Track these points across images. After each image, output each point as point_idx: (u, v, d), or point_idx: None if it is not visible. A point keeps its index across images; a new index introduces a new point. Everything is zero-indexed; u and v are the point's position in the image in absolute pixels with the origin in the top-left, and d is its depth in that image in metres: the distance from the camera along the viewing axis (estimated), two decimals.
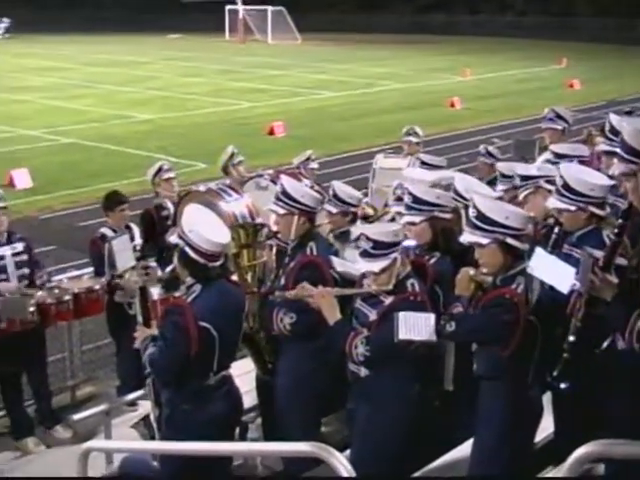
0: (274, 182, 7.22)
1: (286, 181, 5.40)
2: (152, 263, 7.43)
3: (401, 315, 4.23)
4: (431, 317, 4.27)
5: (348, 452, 4.55)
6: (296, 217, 5.25)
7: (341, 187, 6.20)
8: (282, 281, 5.25)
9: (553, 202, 4.67)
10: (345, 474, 3.35)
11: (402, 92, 30.87)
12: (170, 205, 8.00)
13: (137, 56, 42.26)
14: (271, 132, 22.63)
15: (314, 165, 9.55)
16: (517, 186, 5.52)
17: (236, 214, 5.70)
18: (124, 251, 6.48)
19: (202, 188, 7.14)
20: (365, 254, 4.56)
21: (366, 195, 8.76)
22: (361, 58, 41.86)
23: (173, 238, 4.62)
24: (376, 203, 8.29)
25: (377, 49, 46.72)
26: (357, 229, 4.70)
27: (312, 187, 6.54)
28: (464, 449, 4.66)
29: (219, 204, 5.79)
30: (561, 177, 4.60)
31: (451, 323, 4.23)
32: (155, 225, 8.02)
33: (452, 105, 27.05)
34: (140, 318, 5.45)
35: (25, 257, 7.14)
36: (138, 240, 7.70)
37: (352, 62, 39.89)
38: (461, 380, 4.65)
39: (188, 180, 13.42)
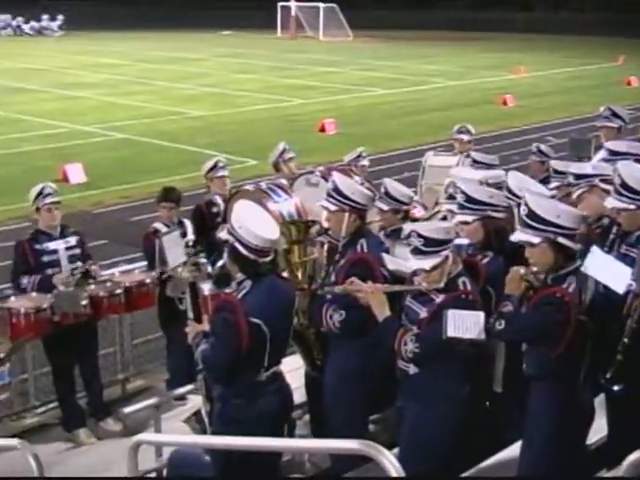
0: (325, 179, 7.23)
1: (338, 178, 5.40)
2: (202, 259, 7.52)
3: (450, 313, 4.20)
4: (480, 315, 4.23)
5: (396, 451, 4.54)
6: (347, 214, 5.25)
7: (393, 184, 6.18)
8: (332, 278, 5.25)
9: (612, 202, 4.59)
10: (394, 472, 3.34)
11: (453, 89, 30.66)
12: (220, 202, 8.06)
13: (190, 53, 42.61)
14: (322, 129, 22.64)
15: (365, 162, 9.53)
16: (571, 184, 5.45)
17: (283, 213, 5.73)
18: (175, 247, 6.53)
19: (251, 188, 7.19)
20: (416, 251, 4.54)
21: (416, 193, 8.72)
22: (413, 55, 41.68)
23: (223, 234, 4.65)
24: (426, 201, 8.26)
25: (429, 46, 46.47)
26: (408, 226, 4.68)
27: (363, 184, 6.52)
28: (514, 449, 4.62)
29: (267, 204, 5.83)
30: (619, 176, 4.53)
31: (501, 322, 4.19)
32: (206, 221, 8.08)
33: (504, 103, 26.79)
34: (191, 314, 5.50)
35: (78, 251, 7.26)
36: (191, 236, 7.77)
37: (404, 59, 39.72)
38: (511, 380, 4.61)
39: (238, 176, 13.50)
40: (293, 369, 5.30)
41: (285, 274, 5.12)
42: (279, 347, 4.64)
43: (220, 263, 5.32)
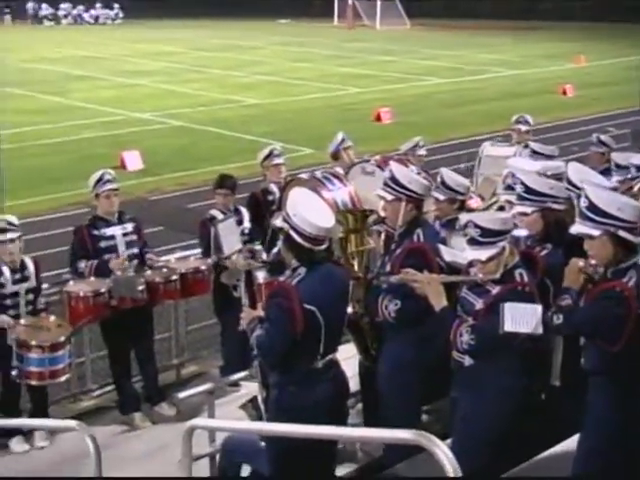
0: (380, 168, 7.21)
1: (395, 167, 5.39)
2: (257, 247, 7.57)
3: (507, 306, 4.16)
4: (538, 309, 4.18)
5: (449, 441, 4.52)
6: (404, 203, 5.23)
7: (449, 174, 6.14)
8: (387, 267, 5.24)
9: None
10: (447, 463, 3.33)
11: (512, 79, 30.31)
12: (276, 190, 8.09)
13: (246, 41, 42.80)
14: (378, 118, 22.57)
15: (422, 152, 9.48)
16: (633, 177, 5.36)
17: (337, 201, 5.72)
18: (230, 235, 6.57)
19: (306, 176, 7.21)
20: (473, 242, 4.51)
21: (472, 183, 8.65)
22: (471, 44, 41.27)
23: (278, 222, 4.67)
24: (482, 191, 8.18)
25: (488, 35, 45.97)
26: (465, 216, 4.64)
27: (419, 173, 6.49)
28: (570, 443, 4.57)
29: (321, 191, 5.82)
30: None
31: (559, 315, 4.14)
32: (261, 209, 8.12)
33: (564, 93, 26.39)
34: (246, 300, 5.54)
35: (135, 237, 7.36)
36: (247, 224, 7.82)
37: (462, 48, 39.37)
38: (569, 374, 4.55)
39: (293, 165, 13.51)
40: (347, 358, 5.30)
41: (342, 263, 5.11)
42: (334, 335, 4.64)
43: (275, 251, 5.33)
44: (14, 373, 6.49)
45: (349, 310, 5.02)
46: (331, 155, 9.19)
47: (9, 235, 6.80)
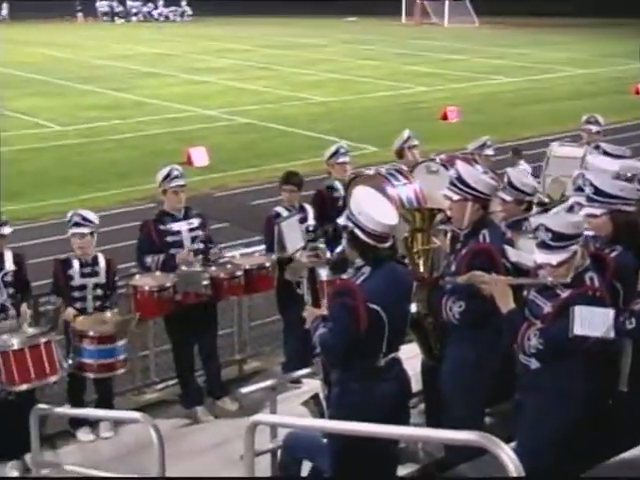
0: (445, 167, 7.16)
1: (461, 166, 5.34)
2: (321, 245, 7.57)
3: (577, 310, 4.09)
4: (609, 313, 4.10)
5: (513, 444, 4.47)
6: (470, 203, 5.19)
7: (516, 175, 6.07)
8: (453, 268, 5.21)
9: None
10: (511, 466, 3.30)
11: (583, 78, 29.80)
12: (341, 187, 8.09)
13: (314, 39, 42.92)
14: (444, 117, 22.44)
15: (490, 151, 9.40)
16: None
17: (402, 198, 5.70)
18: (293, 232, 6.61)
19: (371, 172, 7.19)
20: (543, 245, 4.43)
21: (539, 184, 8.53)
22: (540, 42, 40.69)
23: (342, 220, 4.67)
24: (551, 192, 8.06)
25: (557, 33, 45.27)
26: (536, 219, 4.57)
27: (485, 173, 6.43)
28: (636, 452, 4.48)
29: (386, 187, 5.81)
30: None
31: (631, 320, 4.06)
32: (327, 206, 8.13)
33: (637, 92, 25.84)
34: (308, 298, 5.56)
35: (200, 233, 7.44)
36: (311, 221, 7.84)
37: (530, 47, 38.86)
38: (637, 380, 4.46)
39: (358, 163, 13.50)
40: (410, 357, 5.28)
41: (406, 262, 5.09)
42: (397, 333, 4.63)
43: (339, 249, 5.34)
44: (68, 364, 6.62)
45: (412, 309, 4.99)
46: (396, 152, 9.16)
47: (80, 230, 6.94)
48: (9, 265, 6.76)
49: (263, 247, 7.94)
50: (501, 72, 31.19)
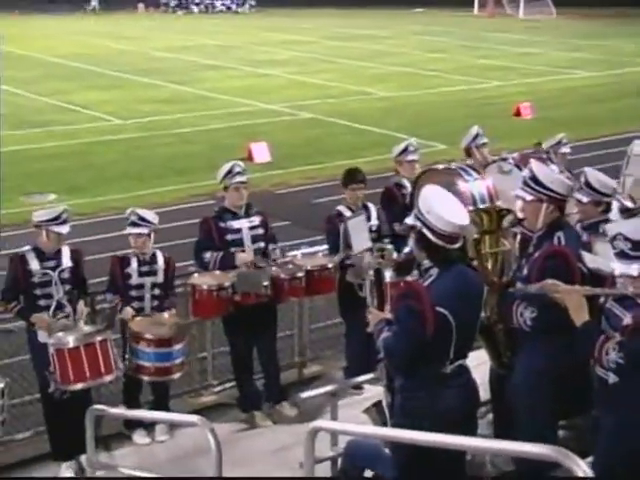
0: (518, 167, 7.09)
1: (536, 166, 5.28)
2: (388, 245, 7.55)
3: None
4: None
5: (589, 460, 4.40)
6: (544, 204, 5.12)
7: (594, 175, 5.98)
8: (524, 271, 5.15)
9: None
10: None
11: None
12: (409, 185, 8.07)
13: (380, 30, 42.86)
14: (517, 113, 22.21)
15: (566, 150, 9.28)
16: None
17: (474, 194, 5.64)
18: (360, 232, 6.60)
19: (440, 166, 7.15)
20: (622, 255, 4.32)
21: (619, 184, 8.40)
22: (622, 34, 39.99)
23: (410, 220, 4.66)
24: (632, 193, 7.92)
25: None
26: (614, 227, 4.47)
27: (561, 172, 6.35)
28: None
29: (457, 183, 5.76)
30: None
31: None
32: (396, 203, 8.12)
33: None
34: (371, 300, 5.55)
35: (261, 231, 7.49)
36: (374, 221, 7.83)
37: (612, 38, 38.22)
38: None
39: (426, 161, 13.44)
40: (478, 364, 5.24)
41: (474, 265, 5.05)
42: (465, 340, 4.61)
43: (406, 250, 5.33)
44: (125, 364, 6.71)
45: (482, 315, 4.95)
46: (464, 150, 9.11)
47: (137, 230, 7.05)
48: (66, 261, 6.89)
49: (325, 247, 7.97)
50: (579, 66, 30.75)
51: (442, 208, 4.51)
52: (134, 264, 7.07)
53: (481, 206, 5.56)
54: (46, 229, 6.80)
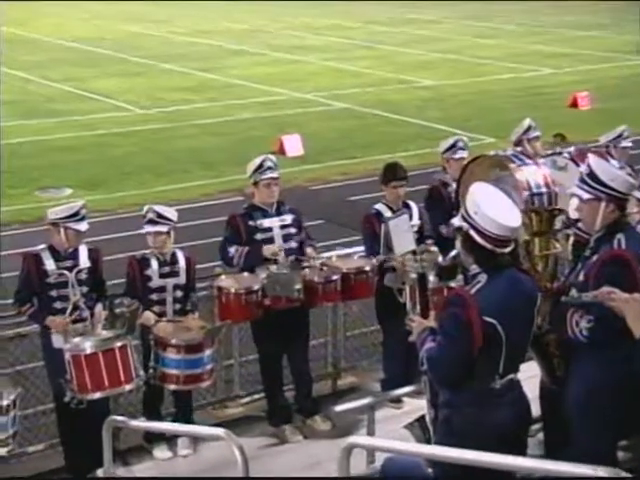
0: (574, 162, 7.05)
1: (594, 161, 5.25)
2: (433, 247, 7.52)
3: None
4: None
5: None
6: (603, 203, 5.09)
7: None
8: (580, 277, 5.12)
9: None
10: None
11: None
12: (454, 184, 8.04)
13: (423, 14, 42.80)
14: (574, 104, 22.08)
15: (627, 144, 9.21)
16: None
17: (530, 182, 5.62)
18: (403, 233, 6.59)
19: (491, 153, 7.12)
20: None
21: None
22: None
23: (456, 221, 4.65)
24: None
25: None
26: None
27: (622, 169, 6.30)
28: None
29: (511, 169, 5.74)
30: None
31: None
32: (444, 203, 8.13)
33: None
34: (411, 306, 5.55)
35: (293, 230, 7.52)
36: (416, 221, 7.81)
37: None
38: None
39: (473, 156, 13.41)
40: (527, 378, 5.22)
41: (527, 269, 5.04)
42: (516, 352, 4.58)
43: (452, 253, 5.32)
44: (149, 373, 6.73)
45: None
46: (514, 143, 9.08)
47: (155, 228, 7.09)
48: (84, 261, 6.96)
49: (362, 248, 7.97)
50: None
51: (491, 208, 4.49)
52: (154, 265, 7.12)
53: (536, 191, 5.53)
54: (64, 226, 6.85)
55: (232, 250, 7.32)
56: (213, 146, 19.01)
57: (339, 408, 6.17)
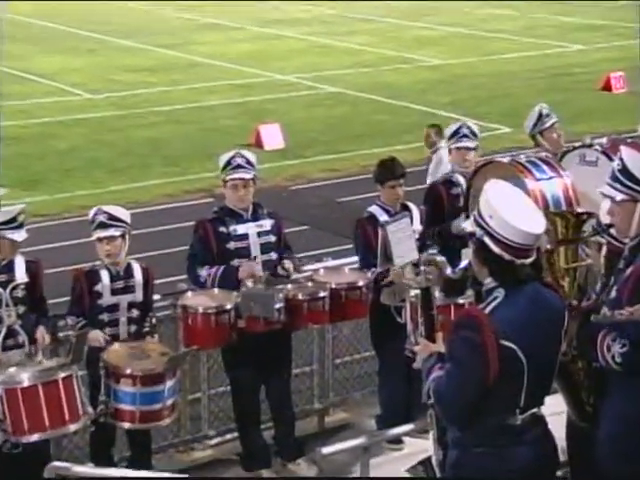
0: (607, 156, 7.08)
1: (628, 154, 5.26)
2: (439, 257, 7.52)
3: None
4: None
5: None
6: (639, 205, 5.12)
7: None
8: (613, 293, 5.13)
9: None
10: None
11: None
12: (462, 181, 8.08)
13: None
14: (607, 86, 22.16)
15: None
16: None
17: (546, 196, 5.65)
18: (404, 240, 6.60)
19: (505, 160, 7.15)
20: None
21: None
22: None
23: (468, 225, 4.66)
24: None
25: None
26: None
27: None
28: None
29: (525, 181, 5.75)
30: None
31: None
32: (444, 206, 8.14)
33: None
34: (411, 328, 5.56)
35: (273, 238, 7.52)
36: (417, 225, 7.82)
37: None
38: None
39: (487, 148, 13.47)
40: (554, 412, 5.23)
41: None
42: (541, 382, 4.59)
43: (462, 264, 5.32)
44: (98, 410, 6.67)
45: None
46: (530, 136, 9.11)
47: (107, 232, 7.03)
48: (20, 276, 6.94)
49: (354, 259, 7.99)
50: None
51: (510, 211, 4.50)
52: (105, 279, 7.08)
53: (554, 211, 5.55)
54: None
55: (203, 273, 7.31)
56: (177, 137, 19.00)
57: (327, 450, 6.16)
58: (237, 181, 7.37)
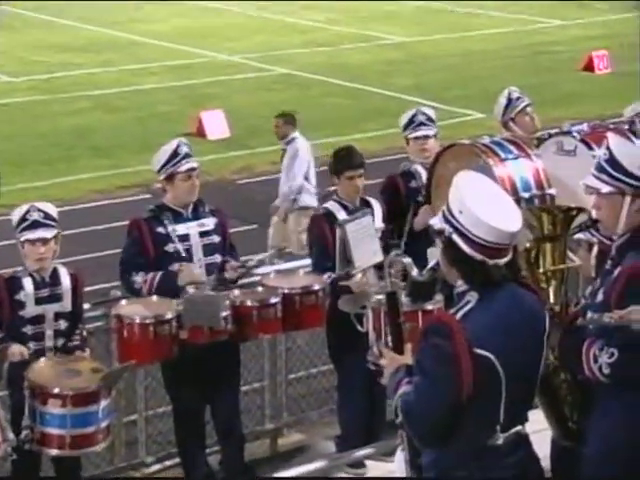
0: (586, 144, 7.14)
1: (615, 143, 5.30)
2: (405, 258, 7.56)
3: None
4: None
5: None
6: (628, 199, 5.15)
7: None
8: (599, 296, 5.18)
9: None
10: None
11: None
12: (422, 172, 8.11)
13: None
14: (588, 66, 22.35)
15: None
16: None
17: (514, 180, 5.67)
18: (365, 240, 6.64)
19: (466, 141, 7.19)
20: None
21: None
22: None
23: (436, 222, 4.67)
24: None
25: None
26: None
27: None
28: None
29: (491, 164, 5.78)
30: None
31: None
32: (401, 200, 8.17)
33: None
34: (374, 337, 5.57)
35: (217, 239, 7.53)
36: (379, 223, 7.85)
37: None
38: None
39: (456, 136, 13.51)
40: (537, 430, 5.26)
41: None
42: (521, 394, 4.59)
43: (431, 264, 5.33)
44: (22, 435, 6.58)
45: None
46: (502, 124, 9.16)
47: (41, 233, 6.99)
48: None
49: (308, 262, 8.04)
50: None
51: (482, 206, 4.50)
52: (28, 287, 7.03)
53: (524, 196, 5.57)
54: None
55: (139, 279, 7.31)
56: (108, 126, 18.94)
57: (279, 475, 6.18)
58: (189, 172, 7.36)
